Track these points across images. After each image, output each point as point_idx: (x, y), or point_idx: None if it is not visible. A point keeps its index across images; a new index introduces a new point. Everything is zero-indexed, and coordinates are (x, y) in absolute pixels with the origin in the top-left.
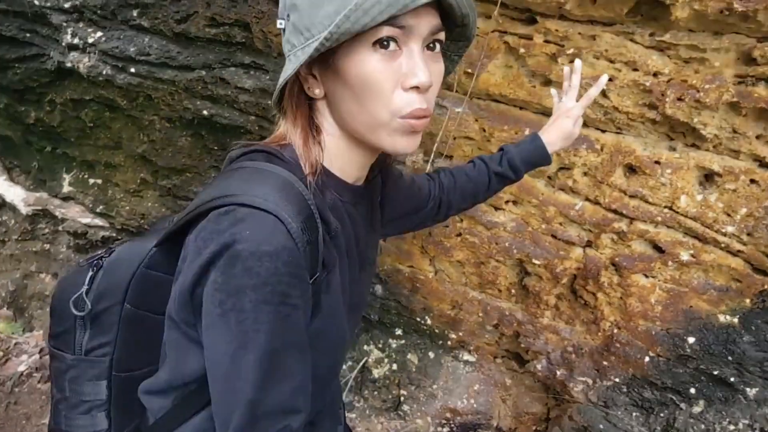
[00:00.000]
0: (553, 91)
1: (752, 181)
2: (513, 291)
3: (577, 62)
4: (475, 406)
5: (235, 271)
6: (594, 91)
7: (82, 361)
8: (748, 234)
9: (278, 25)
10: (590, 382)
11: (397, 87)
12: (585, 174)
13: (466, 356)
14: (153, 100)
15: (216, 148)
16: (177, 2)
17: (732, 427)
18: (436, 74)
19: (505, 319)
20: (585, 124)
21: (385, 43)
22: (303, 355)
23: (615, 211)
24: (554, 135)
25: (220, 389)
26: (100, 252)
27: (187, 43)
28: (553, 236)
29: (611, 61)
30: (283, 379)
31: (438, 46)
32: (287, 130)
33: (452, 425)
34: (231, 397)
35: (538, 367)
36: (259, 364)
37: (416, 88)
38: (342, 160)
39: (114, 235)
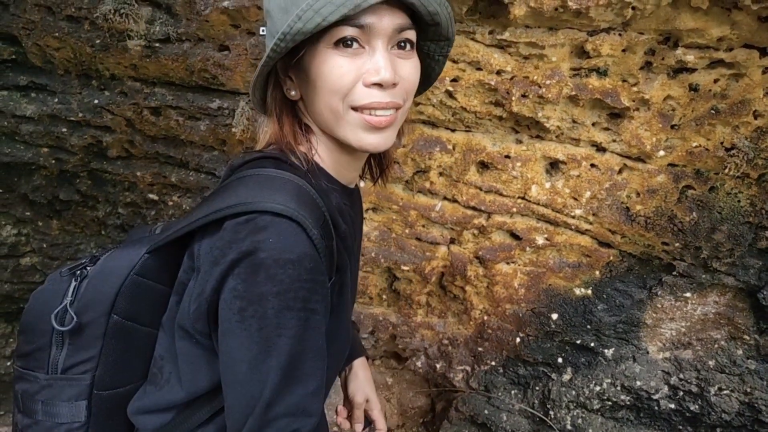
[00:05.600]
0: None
1: (592, 165)
2: (384, 296)
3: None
4: None
5: (258, 279)
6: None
7: (58, 381)
8: (594, 214)
9: (260, 32)
10: (469, 369)
11: (358, 82)
12: (441, 174)
13: None
14: None
15: (1, 190)
16: None
17: (598, 388)
18: (407, 72)
19: (379, 324)
20: (435, 125)
21: (349, 42)
22: (321, 361)
23: (473, 208)
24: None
25: (237, 394)
26: (82, 260)
27: None
28: (418, 239)
29: (455, 62)
30: (300, 382)
31: (408, 45)
32: (276, 131)
33: None
34: (247, 401)
35: (418, 364)
36: (280, 369)
37: (378, 85)
38: (332, 160)
39: None
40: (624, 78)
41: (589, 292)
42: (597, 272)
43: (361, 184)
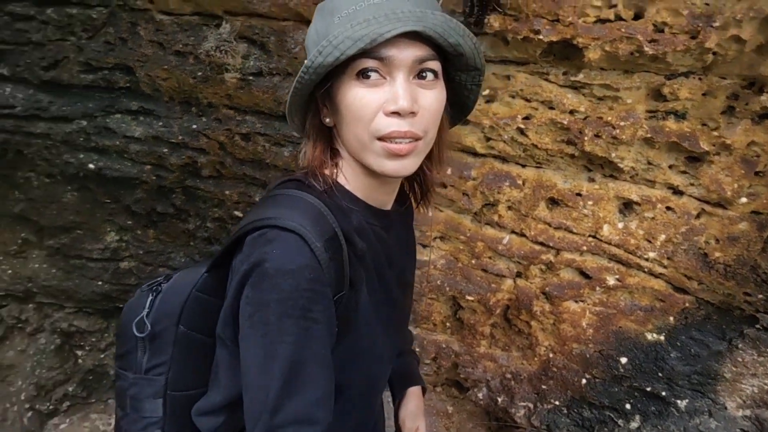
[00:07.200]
0: None
1: (668, 208)
2: (448, 324)
3: None
4: None
5: (263, 287)
6: None
7: (141, 380)
8: (668, 258)
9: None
10: (531, 406)
11: (378, 112)
12: (509, 208)
13: None
14: (26, 156)
15: (109, 201)
16: (41, 47)
17: None
18: (428, 101)
19: (442, 351)
20: (505, 160)
21: (368, 74)
22: (324, 369)
23: (542, 243)
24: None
25: (250, 398)
26: (158, 278)
27: (60, 92)
28: (484, 270)
29: (527, 100)
30: (302, 389)
31: (430, 74)
32: (310, 154)
33: None
34: (256, 406)
35: (479, 395)
36: (281, 374)
37: (396, 113)
38: (359, 183)
39: None
40: (704, 122)
41: (662, 338)
42: (671, 318)
43: (429, 214)
